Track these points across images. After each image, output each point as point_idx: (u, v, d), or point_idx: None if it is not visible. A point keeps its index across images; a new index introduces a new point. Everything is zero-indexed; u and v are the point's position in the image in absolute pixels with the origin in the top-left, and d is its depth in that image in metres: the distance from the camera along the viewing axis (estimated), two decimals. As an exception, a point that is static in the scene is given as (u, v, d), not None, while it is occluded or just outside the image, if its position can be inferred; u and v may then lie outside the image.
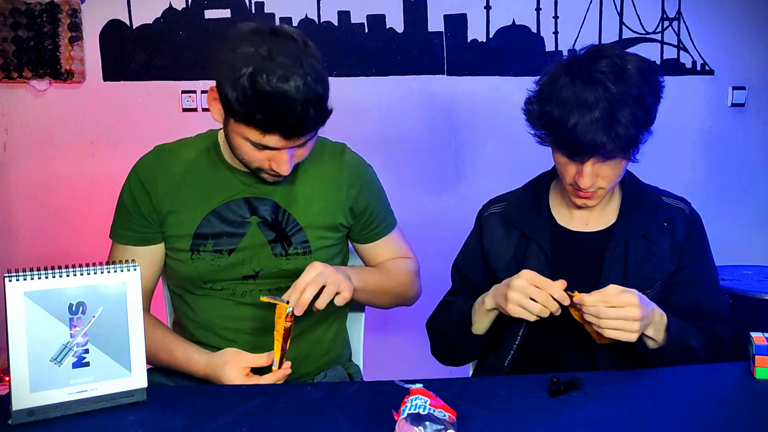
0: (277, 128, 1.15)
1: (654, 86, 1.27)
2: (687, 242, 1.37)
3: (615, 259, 1.34)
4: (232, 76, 1.12)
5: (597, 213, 1.40)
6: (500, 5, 2.70)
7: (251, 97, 1.11)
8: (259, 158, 1.22)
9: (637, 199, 1.39)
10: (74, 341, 1.03)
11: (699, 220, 1.41)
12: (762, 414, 1.04)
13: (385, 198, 1.49)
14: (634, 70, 1.25)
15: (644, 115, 1.23)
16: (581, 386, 1.12)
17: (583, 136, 1.20)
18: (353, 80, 2.68)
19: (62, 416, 1.02)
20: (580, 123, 1.20)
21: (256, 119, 1.13)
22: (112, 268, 1.07)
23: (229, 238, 1.33)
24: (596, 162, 1.25)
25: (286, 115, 1.13)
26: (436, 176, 2.78)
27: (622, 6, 2.73)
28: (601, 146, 1.20)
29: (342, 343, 1.51)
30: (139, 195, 1.33)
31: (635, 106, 1.21)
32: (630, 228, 1.35)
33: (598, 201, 1.34)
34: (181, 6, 2.61)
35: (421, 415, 0.90)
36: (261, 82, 1.10)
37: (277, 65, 1.11)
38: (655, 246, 1.35)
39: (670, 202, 1.41)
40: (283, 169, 1.22)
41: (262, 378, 1.21)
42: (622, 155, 1.25)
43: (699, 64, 2.78)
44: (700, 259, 1.39)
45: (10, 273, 1.00)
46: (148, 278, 1.36)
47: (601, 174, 1.27)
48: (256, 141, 1.17)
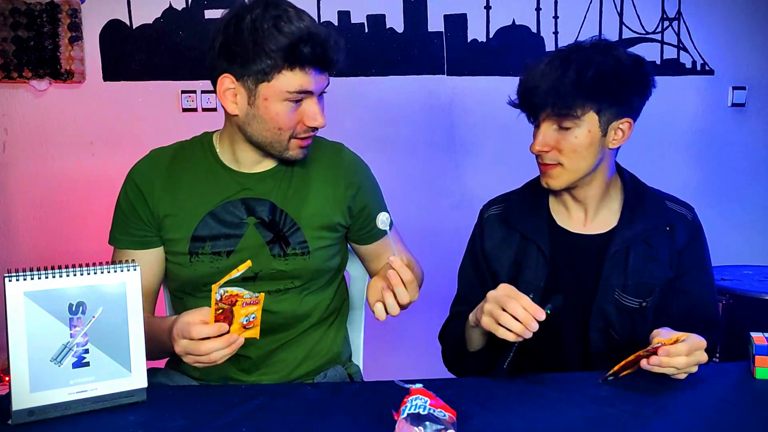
0: (318, 60, 1.23)
1: (632, 73, 1.29)
2: (686, 250, 1.36)
3: (615, 263, 1.34)
4: (255, 39, 1.20)
5: (596, 214, 1.39)
6: (500, 5, 2.70)
7: (287, 41, 1.19)
8: (294, 121, 1.26)
9: (639, 201, 1.38)
10: (74, 341, 1.03)
11: (700, 229, 1.40)
12: (762, 414, 1.04)
13: (382, 199, 1.49)
14: (609, 51, 1.28)
15: (601, 85, 1.25)
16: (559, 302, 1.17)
17: (529, 85, 1.29)
18: (353, 80, 2.68)
19: (62, 416, 1.02)
20: (530, 75, 1.30)
21: (299, 56, 1.20)
22: (112, 268, 1.07)
23: (227, 240, 1.33)
24: (549, 124, 1.30)
25: (324, 44, 1.22)
26: (436, 176, 2.78)
27: (622, 6, 2.73)
28: (542, 97, 1.27)
29: (342, 342, 1.51)
30: (135, 199, 1.33)
31: (588, 70, 1.24)
32: (631, 232, 1.35)
33: (561, 181, 1.33)
34: (181, 6, 2.61)
35: (421, 415, 0.90)
36: (288, 26, 1.19)
37: (290, 13, 1.21)
38: (655, 251, 1.34)
39: (674, 207, 1.40)
40: (319, 120, 1.27)
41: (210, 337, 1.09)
42: (567, 115, 1.27)
43: (699, 64, 2.78)
44: (699, 268, 1.38)
45: (10, 273, 1.00)
46: (151, 282, 1.35)
47: (557, 144, 1.30)
48: (297, 88, 1.23)
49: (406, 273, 1.10)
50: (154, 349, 1.26)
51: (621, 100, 1.29)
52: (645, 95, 1.32)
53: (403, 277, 1.10)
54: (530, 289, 1.30)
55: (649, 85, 1.32)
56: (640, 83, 1.31)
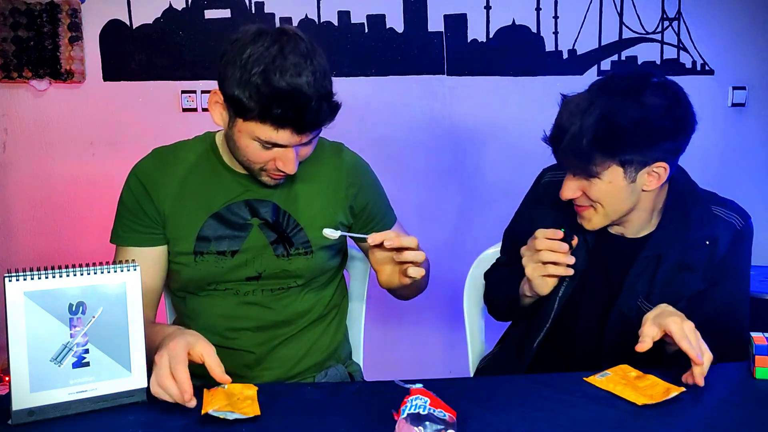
0: (291, 123, 1.16)
1: (661, 120, 1.18)
2: (725, 259, 1.30)
3: (643, 269, 1.31)
4: (242, 76, 1.13)
5: (639, 226, 1.34)
6: (500, 5, 2.70)
7: (266, 94, 1.12)
8: (265, 158, 1.22)
9: (681, 209, 1.31)
10: (74, 341, 1.03)
11: (747, 238, 1.31)
12: (762, 414, 1.04)
13: (384, 197, 1.50)
14: (639, 93, 1.18)
15: (620, 141, 1.17)
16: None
17: (554, 131, 1.24)
18: (353, 80, 2.68)
19: (62, 416, 1.02)
20: (558, 119, 1.24)
21: (272, 115, 1.14)
22: (112, 268, 1.06)
23: (232, 240, 1.33)
24: (576, 177, 1.24)
25: (301, 110, 1.14)
26: (436, 176, 2.78)
27: (622, 6, 2.73)
28: (561, 152, 1.22)
29: (342, 339, 1.52)
30: (141, 196, 1.33)
31: (605, 124, 1.17)
32: (666, 241, 1.29)
33: (595, 223, 1.29)
34: (181, 6, 2.61)
35: (421, 415, 0.90)
36: (275, 79, 1.12)
37: (288, 63, 1.13)
38: (690, 262, 1.29)
39: (721, 213, 1.31)
40: (289, 167, 1.23)
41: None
42: (585, 172, 1.22)
43: (699, 64, 2.78)
44: (733, 277, 1.32)
45: (10, 273, 1.00)
46: (154, 280, 1.34)
47: (585, 191, 1.25)
48: (267, 139, 1.18)
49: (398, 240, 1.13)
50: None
51: (647, 150, 1.20)
52: (680, 138, 1.22)
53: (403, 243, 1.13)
54: (560, 280, 1.31)
55: (684, 127, 1.21)
56: (670, 129, 1.20)
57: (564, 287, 1.34)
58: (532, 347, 1.38)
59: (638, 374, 1.15)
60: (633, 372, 1.16)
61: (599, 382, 1.14)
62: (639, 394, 1.08)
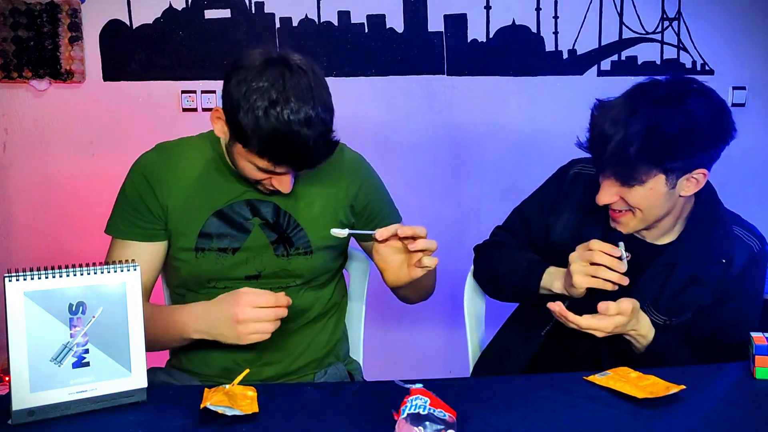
0: (289, 162, 1.19)
1: (707, 127, 1.19)
2: (737, 280, 1.31)
3: (655, 276, 1.31)
4: (246, 108, 1.15)
5: (662, 231, 1.35)
6: (500, 5, 2.70)
7: (266, 134, 1.14)
8: (261, 177, 1.26)
9: (704, 225, 1.32)
10: (74, 341, 1.03)
11: (762, 262, 1.33)
12: (762, 414, 1.04)
13: (387, 195, 1.50)
14: (683, 102, 1.18)
15: (669, 149, 1.18)
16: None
17: (593, 138, 1.23)
18: (353, 80, 2.68)
19: (62, 416, 1.02)
20: (597, 125, 1.23)
21: (270, 153, 1.17)
22: (112, 268, 1.06)
23: (233, 238, 1.34)
24: (612, 182, 1.24)
25: (300, 152, 1.17)
26: (436, 176, 2.78)
27: (622, 6, 2.73)
28: (604, 159, 1.21)
29: (341, 337, 1.52)
30: (144, 191, 1.33)
31: (654, 133, 1.16)
32: (684, 252, 1.31)
33: (630, 228, 1.29)
34: (181, 6, 2.61)
35: (421, 415, 0.90)
36: (275, 119, 1.13)
37: (290, 101, 1.14)
38: (704, 276, 1.30)
39: (741, 234, 1.34)
40: (284, 188, 1.26)
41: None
42: (625, 179, 1.21)
43: (699, 64, 2.78)
44: (742, 300, 1.33)
45: (10, 273, 1.00)
46: (150, 274, 1.36)
47: (625, 196, 1.25)
48: (265, 167, 1.21)
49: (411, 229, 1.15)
50: (158, 340, 1.29)
51: (692, 157, 1.21)
52: (722, 146, 1.24)
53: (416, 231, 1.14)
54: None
55: (727, 135, 1.22)
56: (715, 135, 1.21)
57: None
58: (539, 336, 1.37)
59: (639, 375, 1.15)
60: (633, 373, 1.16)
61: (599, 380, 1.14)
62: (639, 389, 1.08)
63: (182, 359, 1.42)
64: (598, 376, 1.15)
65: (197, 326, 1.24)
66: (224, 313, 1.19)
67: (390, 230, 1.16)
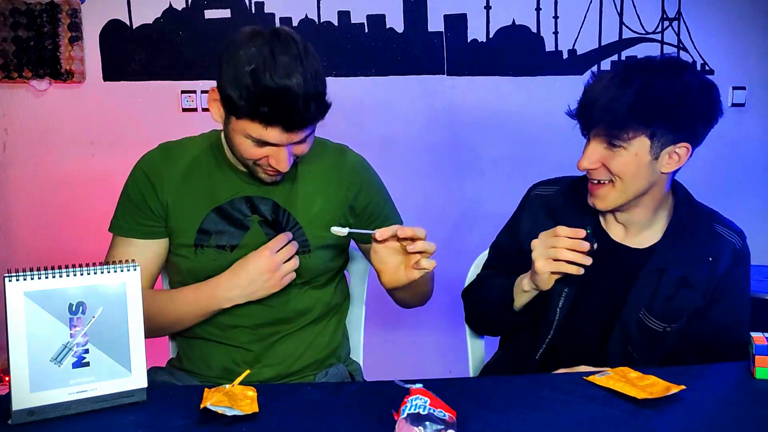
0: (279, 121, 1.18)
1: (698, 98, 1.22)
2: (725, 278, 1.31)
3: (646, 282, 1.31)
4: (234, 75, 1.16)
5: (638, 232, 1.35)
6: (500, 5, 2.70)
7: (254, 93, 1.15)
8: (258, 155, 1.24)
9: (686, 224, 1.32)
10: (74, 341, 1.03)
11: (746, 258, 1.34)
12: (762, 414, 1.04)
13: (388, 198, 1.49)
14: (678, 73, 1.21)
15: (658, 111, 1.19)
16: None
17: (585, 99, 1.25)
18: (353, 80, 2.68)
19: (62, 416, 1.02)
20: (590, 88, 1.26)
21: (259, 113, 1.16)
22: (112, 268, 1.06)
23: (232, 235, 1.34)
24: (598, 142, 1.25)
25: (289, 109, 1.16)
26: (436, 176, 2.78)
27: (622, 6, 2.73)
28: (594, 114, 1.23)
29: (341, 337, 1.52)
30: (145, 188, 1.34)
31: (647, 93, 1.19)
32: (671, 256, 1.30)
33: (608, 202, 1.28)
34: (181, 6, 2.62)
35: (421, 415, 0.90)
36: (264, 79, 1.14)
37: (279, 63, 1.15)
38: (692, 278, 1.30)
39: (723, 232, 1.34)
40: (282, 165, 1.24)
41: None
42: (615, 136, 1.22)
43: (699, 64, 2.78)
44: (731, 297, 1.33)
45: (10, 273, 1.00)
46: (151, 271, 1.37)
47: (605, 162, 1.25)
48: (258, 137, 1.20)
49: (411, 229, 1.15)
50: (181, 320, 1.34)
51: (680, 126, 1.22)
52: (709, 123, 1.26)
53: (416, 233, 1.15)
54: (563, 286, 1.30)
55: (715, 113, 1.25)
56: (705, 109, 1.24)
57: (564, 297, 1.33)
58: (534, 359, 1.36)
59: (638, 375, 1.15)
60: (633, 373, 1.16)
61: (599, 380, 1.14)
62: (639, 389, 1.08)
63: (183, 359, 1.43)
64: (598, 376, 1.15)
65: (229, 294, 1.30)
66: (253, 271, 1.28)
67: (390, 230, 1.16)
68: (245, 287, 1.29)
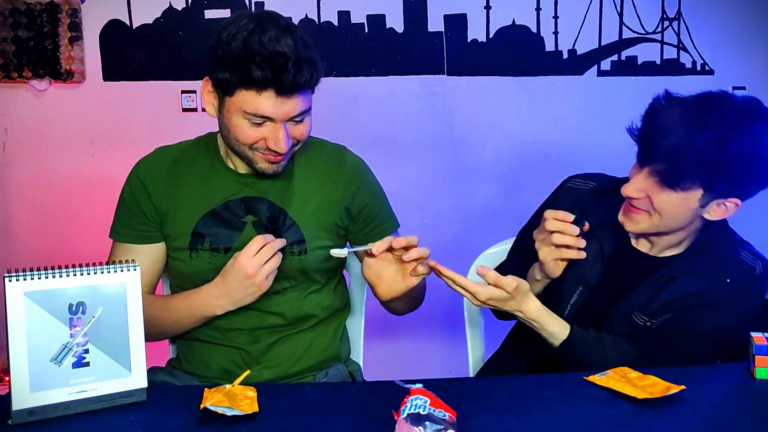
0: (272, 83, 1.17)
1: (756, 157, 1.15)
2: (731, 294, 1.28)
3: (651, 286, 1.30)
4: (223, 52, 1.18)
5: (665, 245, 1.33)
6: (500, 5, 2.70)
7: (244, 58, 1.16)
8: (255, 137, 1.24)
9: (713, 244, 1.30)
10: (74, 341, 1.03)
11: (760, 288, 1.30)
12: (762, 414, 1.04)
13: (385, 202, 1.49)
14: (752, 125, 1.15)
15: (724, 170, 1.14)
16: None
17: (651, 128, 1.20)
18: (353, 80, 2.67)
19: (62, 416, 1.02)
20: (657, 116, 1.20)
21: (251, 78, 1.16)
22: (112, 268, 1.06)
23: (225, 238, 1.34)
24: (649, 175, 1.20)
25: (280, 69, 1.16)
26: (436, 176, 2.78)
27: (622, 6, 2.73)
28: (657, 152, 1.17)
29: (342, 339, 1.52)
30: (139, 193, 1.35)
31: (718, 148, 1.13)
32: (683, 265, 1.28)
33: (639, 228, 1.26)
34: (181, 6, 2.61)
35: (421, 415, 0.90)
36: (255, 45, 1.15)
37: (267, 31, 1.16)
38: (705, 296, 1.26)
39: (747, 258, 1.30)
40: (280, 145, 1.23)
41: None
42: (666, 180, 1.17)
43: (699, 64, 2.78)
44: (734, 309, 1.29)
45: (10, 273, 1.00)
46: (150, 276, 1.37)
47: (650, 194, 1.21)
48: (253, 110, 1.19)
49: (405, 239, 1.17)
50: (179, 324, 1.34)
51: (740, 183, 1.19)
52: (765, 185, 1.22)
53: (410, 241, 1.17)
54: (578, 283, 1.31)
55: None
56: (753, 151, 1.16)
57: (577, 295, 1.33)
58: (535, 352, 1.37)
59: (639, 375, 1.15)
60: (633, 373, 1.16)
61: (599, 380, 1.14)
62: (639, 389, 1.08)
63: (182, 360, 1.43)
64: (598, 376, 1.15)
65: (219, 302, 1.29)
66: (234, 279, 1.25)
67: (385, 243, 1.17)
68: (231, 295, 1.28)
